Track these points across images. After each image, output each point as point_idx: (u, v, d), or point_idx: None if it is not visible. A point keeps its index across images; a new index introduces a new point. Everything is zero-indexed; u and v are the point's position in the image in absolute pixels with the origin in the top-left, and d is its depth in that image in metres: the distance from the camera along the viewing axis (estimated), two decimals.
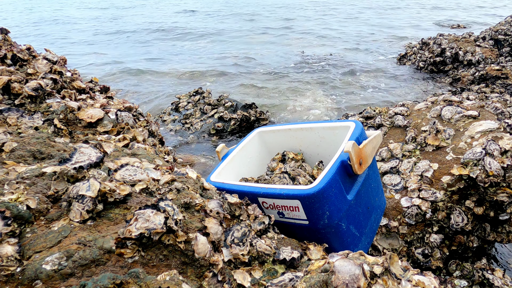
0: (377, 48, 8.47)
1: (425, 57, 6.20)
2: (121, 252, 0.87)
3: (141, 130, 1.65)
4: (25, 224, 0.89)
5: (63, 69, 1.68)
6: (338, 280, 0.90)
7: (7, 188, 0.94)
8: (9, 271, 0.78)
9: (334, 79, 6.41)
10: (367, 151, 1.37)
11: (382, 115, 2.62)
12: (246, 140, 1.73)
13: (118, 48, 9.57)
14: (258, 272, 1.05)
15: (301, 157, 1.69)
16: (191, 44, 9.57)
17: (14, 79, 1.39)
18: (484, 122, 2.10)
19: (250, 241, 1.11)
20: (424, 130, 2.27)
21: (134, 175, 1.12)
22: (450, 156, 2.02)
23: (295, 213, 1.25)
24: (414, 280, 0.98)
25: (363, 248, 1.42)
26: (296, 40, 9.57)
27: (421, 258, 1.88)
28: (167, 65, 7.60)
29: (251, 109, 4.54)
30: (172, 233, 0.93)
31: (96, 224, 0.94)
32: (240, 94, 5.74)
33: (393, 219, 1.95)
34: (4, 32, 1.76)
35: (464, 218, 1.89)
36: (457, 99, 2.50)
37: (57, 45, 10.06)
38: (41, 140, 1.18)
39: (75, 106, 1.44)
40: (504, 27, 6.17)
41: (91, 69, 7.47)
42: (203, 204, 1.09)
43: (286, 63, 7.48)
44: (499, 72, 4.97)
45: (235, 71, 7.02)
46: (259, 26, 12.19)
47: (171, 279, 0.85)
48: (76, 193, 0.96)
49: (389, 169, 2.14)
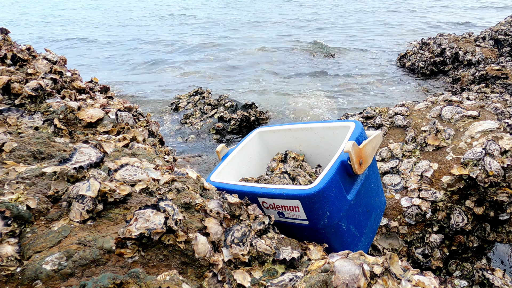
0: (377, 48, 8.47)
1: (425, 57, 6.20)
2: (121, 252, 0.87)
3: (141, 130, 1.65)
4: (25, 224, 0.89)
5: (63, 69, 1.68)
6: (338, 280, 0.90)
7: (7, 188, 0.94)
8: (9, 271, 0.78)
9: (334, 79, 6.41)
10: (367, 151, 1.37)
11: (382, 115, 2.62)
12: (246, 140, 1.73)
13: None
14: (258, 272, 1.05)
15: (302, 157, 1.69)
16: (191, 44, 9.57)
17: (14, 79, 1.39)
18: (484, 122, 2.10)
19: (250, 241, 1.11)
20: (424, 130, 2.27)
21: (134, 175, 1.12)
22: (450, 156, 2.02)
23: (295, 213, 1.25)
24: (414, 280, 0.98)
25: (363, 248, 1.42)
26: (296, 39, 9.57)
27: (421, 258, 1.88)
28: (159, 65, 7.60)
29: (251, 109, 4.55)
30: (172, 233, 0.93)
31: (96, 224, 0.94)
32: (240, 94, 5.74)
33: (393, 219, 1.95)
34: (4, 32, 1.76)
35: (464, 218, 1.89)
36: (457, 99, 2.50)
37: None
38: (41, 140, 1.18)
39: (75, 106, 1.44)
40: (504, 27, 6.17)
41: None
42: (203, 204, 1.09)
43: (286, 63, 7.48)
44: (499, 72, 4.97)
45: (235, 71, 7.02)
46: (258, 25, 12.18)
47: (171, 279, 0.85)
48: (76, 193, 0.96)
49: (389, 169, 2.14)
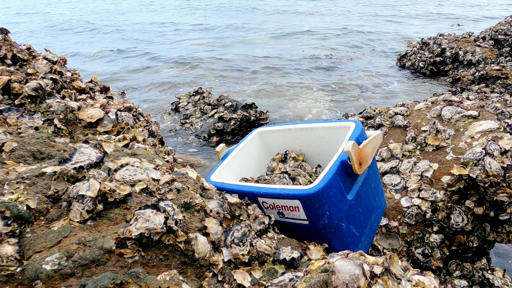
0: (377, 48, 8.47)
1: (425, 57, 6.20)
2: (121, 252, 0.87)
3: (141, 130, 1.65)
4: (25, 224, 0.89)
5: (63, 69, 1.68)
6: (338, 280, 0.90)
7: (7, 188, 0.94)
8: (9, 271, 0.78)
9: (334, 79, 6.41)
10: (367, 151, 1.37)
11: (382, 115, 2.62)
12: (246, 140, 1.73)
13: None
14: (258, 272, 1.05)
15: (302, 157, 1.69)
16: (189, 43, 9.57)
17: (14, 79, 1.39)
18: (484, 122, 2.10)
19: (250, 241, 1.11)
20: (424, 130, 2.27)
21: (134, 175, 1.12)
22: (450, 156, 2.02)
23: (295, 213, 1.25)
24: (414, 280, 0.98)
25: (363, 248, 1.42)
26: (296, 39, 9.57)
27: (421, 258, 1.88)
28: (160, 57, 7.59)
29: (251, 109, 4.54)
30: (172, 233, 0.93)
31: (96, 224, 0.94)
32: (240, 94, 5.74)
33: (393, 219, 1.95)
34: (4, 32, 1.76)
35: (464, 218, 1.89)
36: (457, 99, 2.50)
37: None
38: (41, 140, 1.18)
39: (75, 106, 1.44)
40: (504, 27, 6.17)
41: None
42: (203, 204, 1.09)
43: (286, 63, 7.48)
44: (499, 72, 4.97)
45: (234, 71, 7.03)
46: (256, 25, 12.18)
47: (171, 279, 0.85)
48: (76, 193, 0.96)
49: (389, 169, 2.14)
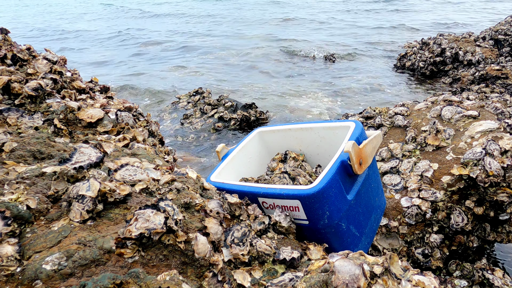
0: (377, 48, 8.47)
1: (425, 57, 6.20)
2: (121, 252, 0.87)
3: (141, 130, 1.65)
4: (25, 224, 0.89)
5: (63, 69, 1.68)
6: (338, 280, 0.90)
7: (7, 188, 0.94)
8: (9, 271, 0.78)
9: (334, 79, 6.41)
10: (367, 151, 1.37)
11: (382, 115, 2.62)
12: (246, 140, 1.73)
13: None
14: (258, 272, 1.05)
15: (302, 157, 1.69)
16: (188, 43, 9.57)
17: (14, 79, 1.39)
18: (484, 122, 2.10)
19: (250, 241, 1.11)
20: (424, 130, 2.27)
21: (134, 175, 1.12)
22: (450, 156, 2.02)
23: (295, 213, 1.25)
24: (414, 280, 0.98)
25: (363, 248, 1.42)
26: (296, 39, 9.57)
27: (421, 258, 1.88)
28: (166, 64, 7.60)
29: (251, 109, 4.55)
30: (172, 233, 0.93)
31: (96, 224, 0.94)
32: (240, 94, 5.74)
33: (393, 219, 1.95)
34: (4, 32, 1.76)
35: (464, 218, 1.89)
36: (457, 99, 2.50)
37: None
38: (41, 140, 1.18)
39: (75, 106, 1.44)
40: (504, 27, 6.17)
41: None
42: (203, 204, 1.09)
43: (286, 63, 7.47)
44: (499, 72, 4.96)
45: (234, 71, 7.02)
46: (253, 25, 12.16)
47: (171, 279, 0.85)
48: (76, 193, 0.96)
49: (389, 169, 2.14)
